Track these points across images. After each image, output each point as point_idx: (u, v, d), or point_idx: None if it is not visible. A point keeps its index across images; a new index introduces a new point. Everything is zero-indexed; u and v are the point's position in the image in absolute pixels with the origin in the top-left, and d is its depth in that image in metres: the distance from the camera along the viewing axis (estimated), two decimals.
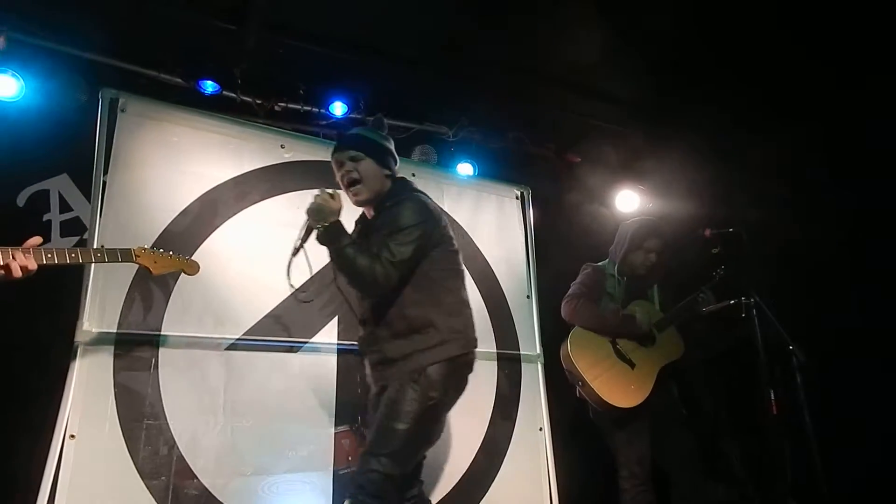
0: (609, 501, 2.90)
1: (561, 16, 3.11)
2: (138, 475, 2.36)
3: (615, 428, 2.78)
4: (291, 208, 2.98)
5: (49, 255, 1.78)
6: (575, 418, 3.27)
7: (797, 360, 2.65)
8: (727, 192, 3.81)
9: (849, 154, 3.30)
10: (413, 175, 3.41)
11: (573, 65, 3.46)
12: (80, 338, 2.38)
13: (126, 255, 1.98)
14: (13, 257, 1.73)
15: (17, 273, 1.73)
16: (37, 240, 1.80)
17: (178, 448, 2.46)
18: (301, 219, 3.00)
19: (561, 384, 3.23)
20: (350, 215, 2.28)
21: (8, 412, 2.50)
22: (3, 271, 1.72)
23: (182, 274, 2.56)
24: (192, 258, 2.25)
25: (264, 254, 2.84)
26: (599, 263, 3.07)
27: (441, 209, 2.28)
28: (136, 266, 2.47)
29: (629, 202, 4.01)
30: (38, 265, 1.77)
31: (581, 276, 3.03)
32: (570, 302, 2.93)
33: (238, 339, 2.69)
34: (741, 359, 3.05)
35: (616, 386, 2.73)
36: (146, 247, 2.06)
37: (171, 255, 2.12)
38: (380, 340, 2.13)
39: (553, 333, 3.37)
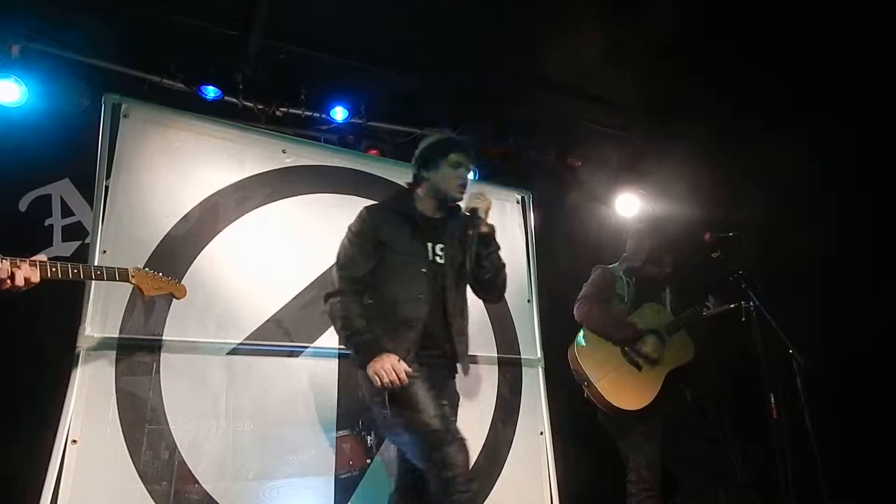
0: None
1: (561, 20, 3.12)
2: (140, 480, 2.36)
3: (625, 431, 2.78)
4: (293, 213, 2.99)
5: (53, 270, 1.87)
6: (576, 422, 3.27)
7: (798, 363, 2.65)
8: (727, 194, 3.82)
9: (852, 155, 3.30)
10: None
11: (574, 69, 3.48)
12: (82, 342, 2.38)
13: (123, 275, 2.08)
14: (19, 267, 1.79)
15: (20, 283, 1.79)
16: (42, 257, 1.87)
17: (179, 453, 2.46)
18: (302, 222, 3.03)
19: (562, 388, 3.24)
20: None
21: (10, 417, 2.50)
22: (8, 281, 1.78)
23: (184, 279, 2.60)
24: (182, 281, 2.34)
25: (266, 258, 2.85)
26: (610, 266, 3.08)
27: None
28: None
29: (630, 206, 4.02)
30: (42, 279, 1.85)
31: (592, 276, 3.05)
32: (582, 304, 2.95)
33: (240, 344, 2.69)
34: (742, 363, 3.06)
35: (621, 388, 2.73)
36: (140, 267, 2.15)
37: (162, 278, 2.21)
38: (456, 333, 2.18)
39: (554, 338, 3.38)
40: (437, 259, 2.21)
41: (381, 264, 2.16)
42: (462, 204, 2.32)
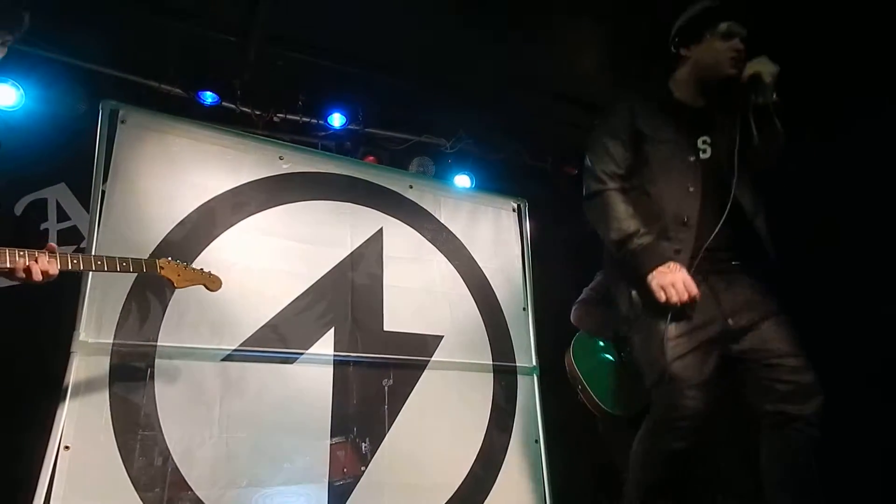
0: None
1: (558, 28, 3.14)
2: (132, 486, 2.34)
3: (619, 438, 2.78)
4: (289, 219, 2.99)
5: (75, 262, 1.74)
6: (571, 431, 3.27)
7: None
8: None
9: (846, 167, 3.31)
10: (411, 187, 3.44)
11: (571, 77, 3.49)
12: (76, 348, 2.37)
13: (151, 266, 1.95)
14: (36, 260, 1.67)
15: (38, 277, 1.67)
16: (52, 247, 1.76)
17: (172, 459, 2.45)
18: (298, 229, 3.01)
19: (557, 396, 3.24)
20: None
21: (2, 422, 2.48)
22: (23, 274, 1.67)
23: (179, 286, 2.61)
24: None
25: (261, 264, 2.85)
26: None
27: None
28: (134, 276, 2.53)
29: None
30: (62, 270, 1.73)
31: (594, 281, 3.06)
32: (579, 307, 2.96)
33: (234, 350, 2.68)
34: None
35: (615, 392, 2.73)
36: (170, 258, 2.04)
37: (194, 269, 2.10)
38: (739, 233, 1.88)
39: (548, 346, 3.38)
40: (702, 154, 1.90)
41: (639, 158, 1.89)
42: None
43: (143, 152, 2.71)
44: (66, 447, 2.26)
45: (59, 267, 1.71)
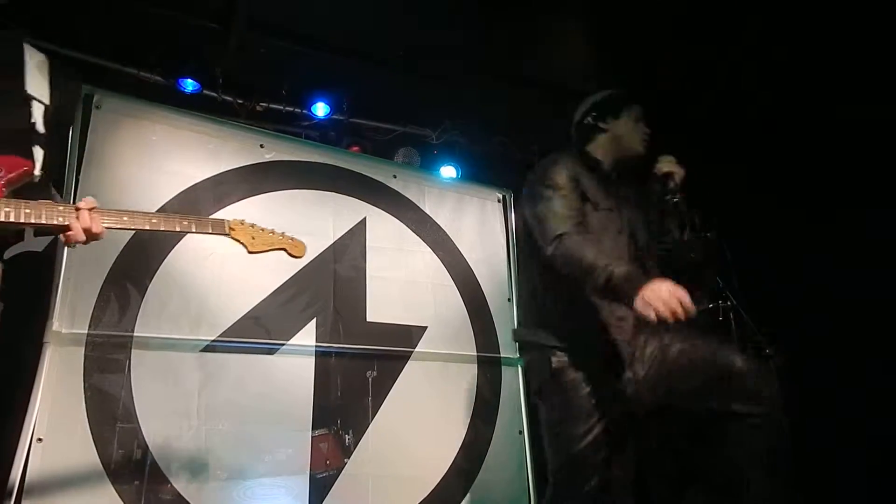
0: None
1: (545, 21, 3.13)
2: (109, 480, 2.31)
3: None
4: (271, 208, 2.95)
5: (125, 220, 1.53)
6: None
7: (774, 362, 2.67)
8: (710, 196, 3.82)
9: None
10: (394, 176, 3.41)
11: (558, 69, 3.48)
12: (49, 338, 2.32)
13: (218, 227, 1.71)
14: (77, 217, 1.48)
15: (81, 237, 1.49)
16: (92, 201, 1.54)
17: (150, 452, 2.41)
18: (278, 218, 2.98)
19: None
20: None
21: None
22: (68, 232, 1.49)
23: (157, 273, 2.57)
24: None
25: (243, 254, 2.79)
26: None
27: None
28: (110, 264, 2.49)
29: None
30: (109, 229, 1.52)
31: None
32: None
33: (214, 341, 2.65)
34: None
35: None
36: (242, 220, 1.80)
37: (272, 233, 1.83)
38: None
39: None
40: (626, 224, 1.97)
41: (583, 221, 1.88)
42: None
43: (119, 139, 2.66)
44: (39, 439, 2.22)
45: (104, 224, 1.51)
